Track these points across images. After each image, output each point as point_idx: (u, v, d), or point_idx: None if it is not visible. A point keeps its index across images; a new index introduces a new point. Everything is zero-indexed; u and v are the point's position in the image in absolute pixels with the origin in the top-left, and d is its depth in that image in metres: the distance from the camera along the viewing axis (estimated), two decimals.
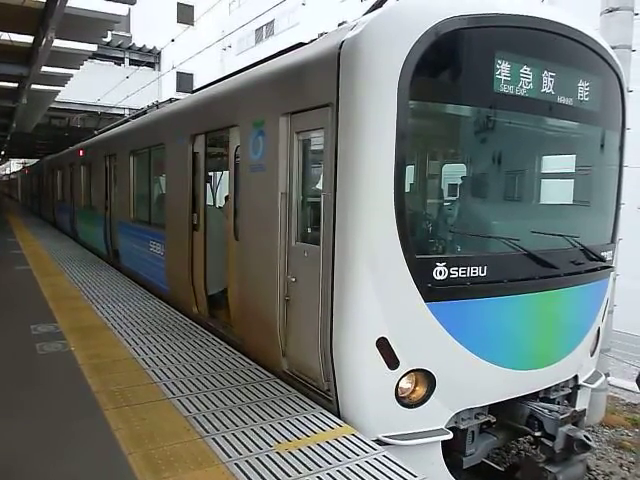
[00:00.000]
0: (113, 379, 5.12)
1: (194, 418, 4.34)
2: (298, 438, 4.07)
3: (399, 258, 4.18)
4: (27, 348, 6.03)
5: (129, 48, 30.98)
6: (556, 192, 6.07)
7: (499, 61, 4.39)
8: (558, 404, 5.26)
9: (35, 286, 9.52)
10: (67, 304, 8.15)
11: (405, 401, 4.42)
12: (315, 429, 4.23)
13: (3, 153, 38.28)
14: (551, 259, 4.77)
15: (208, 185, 7.79)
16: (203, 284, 7.21)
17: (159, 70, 30.83)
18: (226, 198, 8.07)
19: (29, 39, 8.99)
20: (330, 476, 3.57)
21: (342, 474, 3.58)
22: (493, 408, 4.88)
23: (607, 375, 7.54)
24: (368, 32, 4.25)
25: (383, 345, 4.26)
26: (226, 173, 7.00)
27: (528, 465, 5.08)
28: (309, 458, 3.77)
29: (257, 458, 3.74)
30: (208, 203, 7.52)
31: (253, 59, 6.84)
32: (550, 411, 4.81)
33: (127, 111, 23.07)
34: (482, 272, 4.44)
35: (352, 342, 4.37)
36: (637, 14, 7.05)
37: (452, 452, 4.67)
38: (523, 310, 4.78)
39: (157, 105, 11.27)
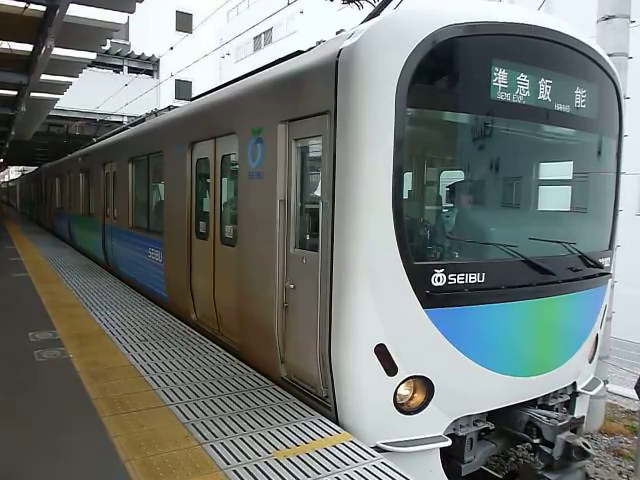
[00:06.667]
0: (111, 386, 5.11)
1: (192, 425, 4.33)
2: (296, 445, 4.06)
3: (397, 265, 4.19)
4: (25, 355, 6.02)
5: (128, 56, 31.03)
6: (554, 199, 6.08)
7: (496, 69, 4.42)
8: (557, 411, 5.26)
9: (33, 293, 9.51)
10: (65, 311, 8.14)
11: (403, 408, 4.41)
12: (313, 436, 4.22)
13: (2, 160, 38.27)
14: (549, 266, 4.78)
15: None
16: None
17: (158, 78, 30.91)
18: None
19: (28, 47, 9.01)
20: None
21: None
22: (491, 415, 4.88)
23: (606, 382, 7.53)
24: (365, 40, 4.28)
25: (381, 352, 4.26)
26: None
27: (527, 472, 5.05)
28: (307, 465, 3.76)
29: (255, 465, 3.74)
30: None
31: (251, 67, 6.87)
32: (548, 418, 4.80)
33: (126, 119, 23.11)
34: (480, 279, 4.45)
35: (350, 349, 4.37)
36: (633, 21, 7.11)
37: (451, 459, 4.66)
38: (521, 317, 4.78)
39: (156, 113, 11.29)
